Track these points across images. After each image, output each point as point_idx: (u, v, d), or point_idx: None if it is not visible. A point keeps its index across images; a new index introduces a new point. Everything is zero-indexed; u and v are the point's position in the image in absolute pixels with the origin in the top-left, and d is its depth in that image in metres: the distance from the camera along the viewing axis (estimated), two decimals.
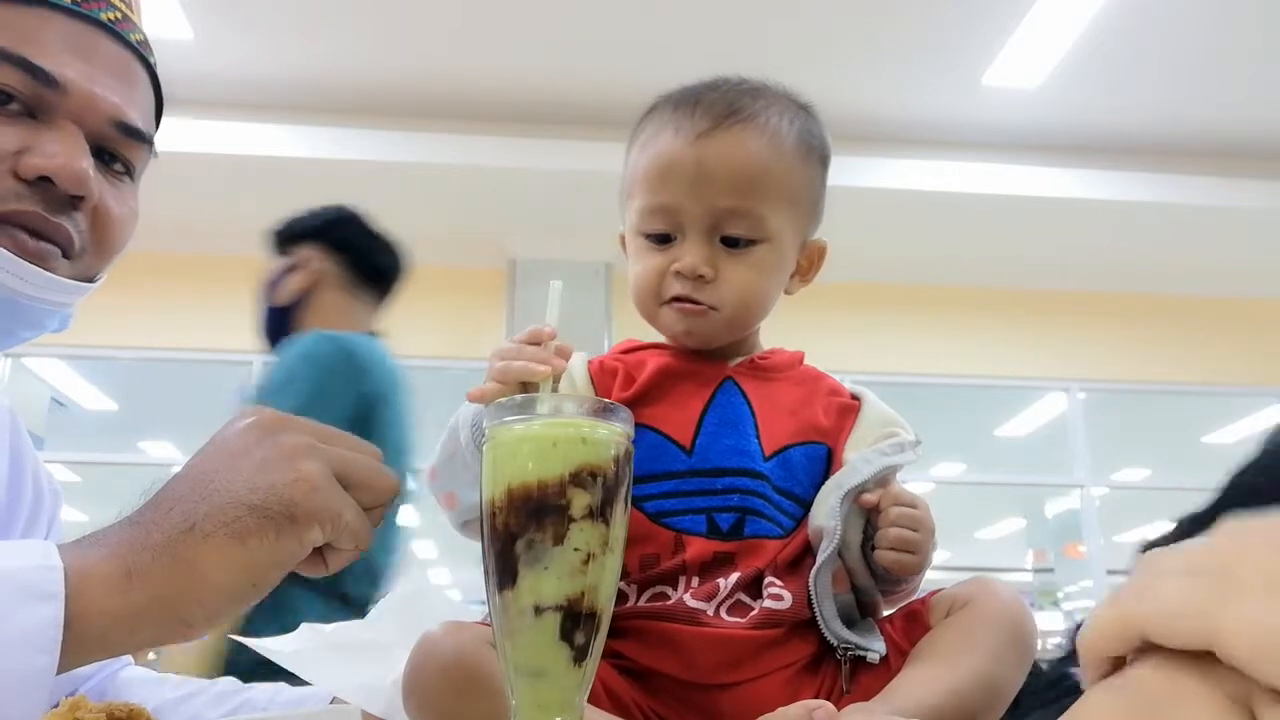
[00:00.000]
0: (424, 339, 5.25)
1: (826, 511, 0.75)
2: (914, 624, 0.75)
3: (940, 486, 6.39)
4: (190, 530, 0.50)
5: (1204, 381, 5.55)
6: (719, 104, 0.82)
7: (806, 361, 0.91)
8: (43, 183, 0.68)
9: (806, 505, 0.79)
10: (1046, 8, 3.87)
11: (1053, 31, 4.01)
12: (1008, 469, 6.92)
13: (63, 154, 0.68)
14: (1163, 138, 4.76)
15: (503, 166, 4.58)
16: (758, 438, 0.80)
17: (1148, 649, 0.31)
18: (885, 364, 5.29)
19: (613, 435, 0.55)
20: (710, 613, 0.72)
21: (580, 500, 0.53)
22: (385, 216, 2.09)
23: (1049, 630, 5.50)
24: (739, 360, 0.86)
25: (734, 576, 0.74)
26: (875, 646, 0.72)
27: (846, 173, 4.70)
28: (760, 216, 0.80)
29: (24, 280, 0.68)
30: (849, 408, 0.85)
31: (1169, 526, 0.64)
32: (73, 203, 0.71)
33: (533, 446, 0.54)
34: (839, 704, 0.65)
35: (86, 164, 0.70)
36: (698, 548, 0.75)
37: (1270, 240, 5.16)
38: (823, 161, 0.87)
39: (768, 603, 0.72)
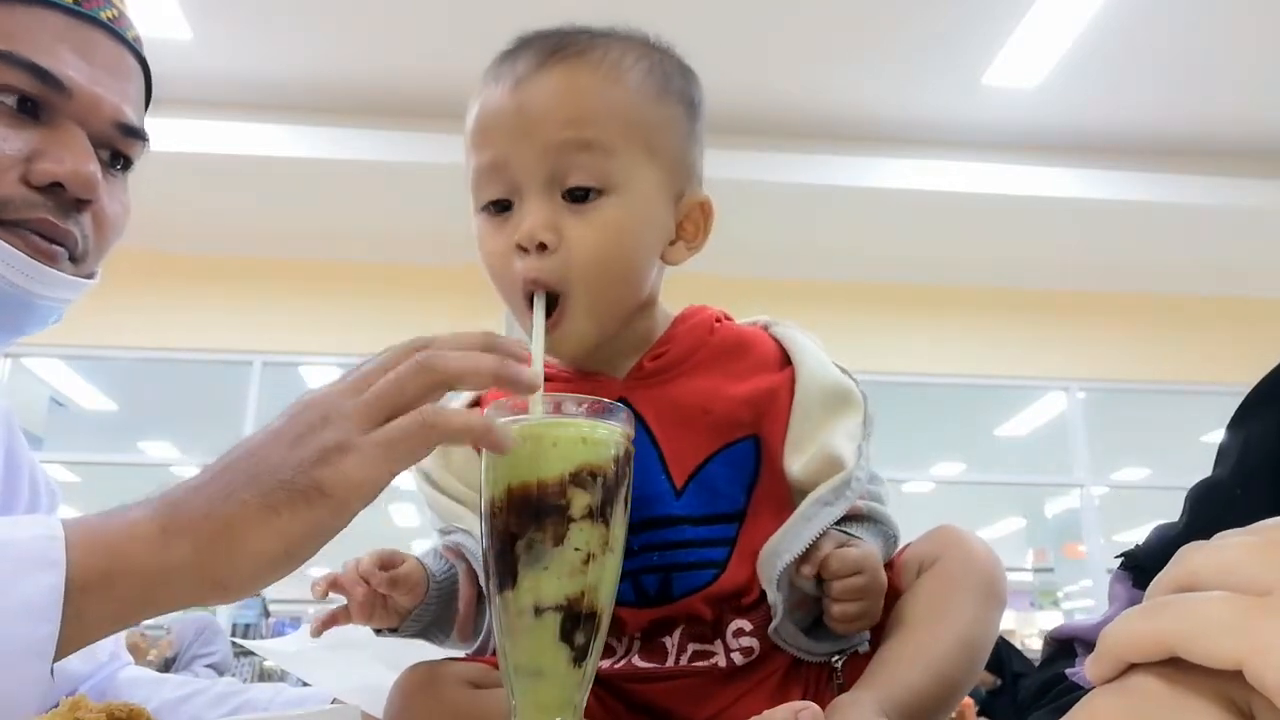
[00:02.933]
0: None
1: (767, 579, 0.68)
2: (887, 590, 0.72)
3: (940, 486, 6.38)
4: (228, 498, 0.51)
5: (1204, 381, 5.54)
6: (544, 46, 0.70)
7: None
8: (53, 188, 0.70)
9: (739, 515, 0.71)
10: (1046, 7, 3.87)
11: (1052, 31, 4.01)
12: (1008, 469, 6.91)
13: (71, 159, 0.70)
14: (1163, 137, 4.76)
15: None
16: (665, 470, 0.70)
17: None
18: (885, 364, 5.28)
19: (612, 435, 0.55)
20: (669, 664, 0.70)
21: (580, 500, 0.53)
22: (385, 216, 2.09)
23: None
24: (628, 367, 0.74)
25: (678, 632, 0.70)
26: (858, 639, 0.71)
27: (846, 173, 4.70)
28: (604, 152, 0.67)
29: (34, 279, 0.70)
30: (779, 386, 0.73)
31: (1144, 538, 0.64)
32: (78, 205, 0.72)
33: (533, 446, 0.54)
34: (831, 697, 0.65)
35: (94, 168, 0.71)
36: (633, 620, 0.70)
37: (1270, 240, 5.15)
38: (685, 103, 0.75)
39: (737, 656, 0.70)
